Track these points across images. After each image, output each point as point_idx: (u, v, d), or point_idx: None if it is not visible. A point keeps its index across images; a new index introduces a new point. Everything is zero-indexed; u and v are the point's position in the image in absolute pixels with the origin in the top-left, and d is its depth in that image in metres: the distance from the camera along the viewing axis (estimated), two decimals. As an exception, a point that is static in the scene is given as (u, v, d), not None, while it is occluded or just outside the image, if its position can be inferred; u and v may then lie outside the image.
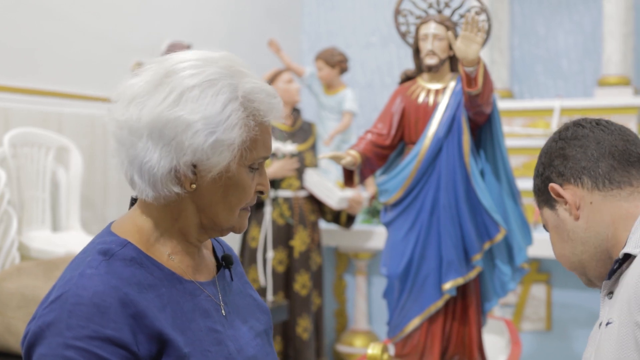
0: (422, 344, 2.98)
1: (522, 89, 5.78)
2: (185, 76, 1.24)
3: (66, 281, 1.22)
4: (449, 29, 2.97)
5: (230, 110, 1.24)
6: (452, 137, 2.93)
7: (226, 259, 1.44)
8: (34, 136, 3.74)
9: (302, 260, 4.31)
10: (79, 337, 1.14)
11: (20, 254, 3.45)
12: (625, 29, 4.96)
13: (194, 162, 1.24)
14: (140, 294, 1.21)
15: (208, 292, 1.34)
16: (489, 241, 2.94)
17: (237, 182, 1.28)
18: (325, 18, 6.41)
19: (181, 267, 1.32)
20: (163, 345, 1.20)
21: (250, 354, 1.35)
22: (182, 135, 1.22)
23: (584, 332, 4.40)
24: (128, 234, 1.30)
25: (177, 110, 1.22)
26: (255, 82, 1.28)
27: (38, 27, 3.94)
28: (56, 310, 1.17)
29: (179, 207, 1.29)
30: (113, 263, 1.23)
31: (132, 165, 1.26)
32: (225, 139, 1.23)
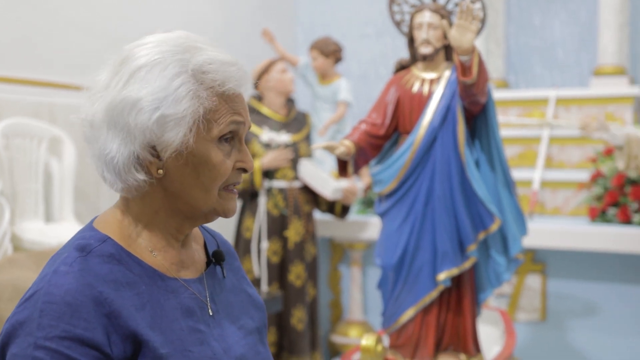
0: (416, 334, 2.98)
1: (517, 79, 5.77)
2: (136, 59, 1.23)
3: (41, 278, 1.19)
4: (444, 18, 2.96)
5: (178, 84, 1.20)
6: (447, 127, 2.92)
7: (216, 255, 1.40)
8: (26, 127, 3.73)
9: (296, 250, 4.30)
10: (49, 337, 1.10)
11: (13, 245, 3.44)
12: (620, 18, 4.95)
13: (149, 143, 1.21)
14: (116, 292, 1.17)
15: (193, 289, 1.30)
16: (483, 231, 2.94)
17: (204, 159, 1.23)
18: (320, 9, 6.39)
19: (164, 263, 1.28)
20: (138, 346, 1.16)
21: (238, 354, 1.31)
22: (128, 117, 1.19)
23: (579, 322, 4.41)
24: (109, 230, 1.27)
25: (125, 92, 1.20)
26: (209, 54, 1.24)
27: (30, 18, 3.92)
28: (29, 308, 1.15)
29: (155, 197, 1.26)
30: (90, 260, 1.19)
31: (100, 160, 1.24)
32: (171, 113, 1.19)
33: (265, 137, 4.25)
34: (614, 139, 3.85)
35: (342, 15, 6.30)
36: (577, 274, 4.42)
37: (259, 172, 4.17)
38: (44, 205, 3.83)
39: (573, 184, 4.70)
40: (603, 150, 4.50)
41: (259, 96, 4.44)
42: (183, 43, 1.25)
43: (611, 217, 4.30)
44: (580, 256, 4.39)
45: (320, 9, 6.39)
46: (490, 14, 5.32)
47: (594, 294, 4.39)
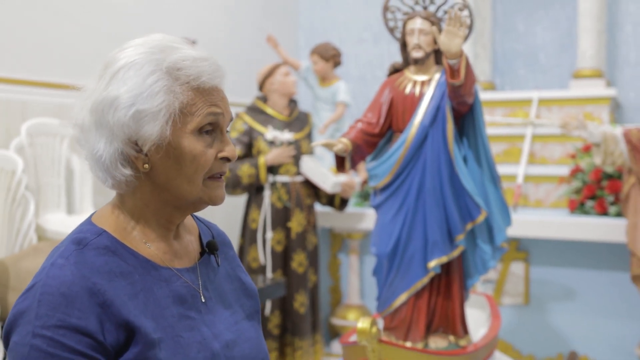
0: (409, 317, 2.98)
1: (503, 81, 5.76)
2: (117, 61, 1.23)
3: (40, 271, 1.19)
4: (434, 24, 2.95)
5: (152, 81, 1.20)
6: (437, 125, 2.91)
7: (210, 245, 1.38)
8: (49, 126, 3.72)
9: (298, 240, 4.30)
10: (46, 326, 1.10)
11: (37, 235, 3.44)
12: (598, 25, 4.94)
13: (130, 138, 1.20)
14: (110, 283, 1.17)
15: (186, 278, 1.29)
16: (471, 222, 2.93)
17: (185, 151, 1.22)
18: (321, 15, 6.38)
19: (158, 254, 1.27)
20: (131, 333, 1.15)
21: (229, 339, 1.30)
22: (108, 115, 1.19)
23: (560, 306, 4.41)
24: (105, 224, 1.26)
25: (105, 92, 1.20)
26: (183, 52, 1.23)
27: (52, 25, 3.91)
28: (29, 299, 1.14)
29: (144, 191, 1.25)
30: (85, 252, 1.19)
31: (92, 160, 1.24)
32: (146, 108, 1.18)
33: (269, 136, 4.25)
34: (591, 136, 3.84)
35: (341, 22, 6.29)
36: (558, 261, 4.42)
37: (263, 168, 4.16)
38: (66, 198, 3.82)
39: (554, 178, 4.69)
40: (582, 147, 4.50)
41: (264, 97, 4.44)
42: (159, 44, 1.24)
43: (589, 209, 4.29)
44: (560, 245, 4.39)
45: (320, 16, 6.38)
46: (477, 21, 5.31)
47: (573, 279, 4.39)
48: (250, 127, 4.27)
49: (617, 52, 5.40)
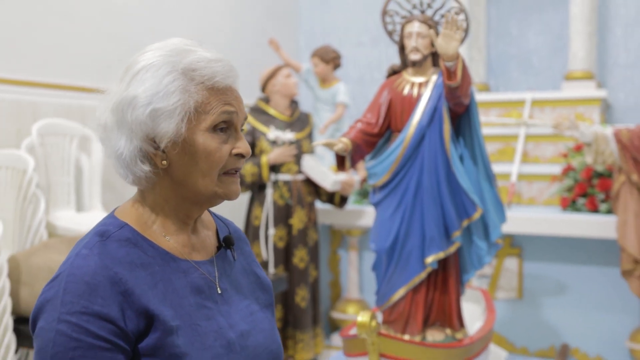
0: (406, 311, 2.97)
1: (497, 83, 5.76)
2: (136, 64, 1.25)
3: (65, 261, 1.20)
4: (431, 28, 2.95)
5: (168, 81, 1.22)
6: (434, 125, 2.91)
7: (227, 240, 1.40)
8: (59, 127, 3.72)
9: (300, 236, 4.30)
10: (71, 312, 1.12)
11: (48, 232, 3.44)
12: (589, 28, 4.94)
13: (147, 135, 1.22)
14: (131, 273, 1.19)
15: (203, 270, 1.30)
16: (467, 219, 2.93)
17: (200, 147, 1.23)
18: (321, 19, 6.37)
19: (177, 247, 1.28)
20: (150, 320, 1.17)
21: (243, 329, 1.31)
22: (127, 113, 1.22)
23: (552, 300, 4.40)
24: (127, 217, 1.28)
25: (125, 94, 1.23)
26: (198, 55, 1.25)
27: (62, 29, 3.91)
28: (54, 287, 1.16)
29: (163, 186, 1.27)
30: (108, 244, 1.21)
31: (114, 158, 1.26)
32: (162, 107, 1.20)
33: (271, 135, 4.24)
34: (583, 136, 3.83)
35: (341, 25, 6.28)
36: (550, 257, 4.42)
37: (266, 167, 4.16)
38: (75, 196, 3.82)
39: (547, 176, 4.69)
40: (573, 147, 4.49)
41: (266, 98, 4.43)
42: (175, 47, 1.26)
43: (580, 206, 4.29)
44: (553, 241, 4.39)
45: (320, 19, 6.38)
46: (472, 25, 5.30)
47: (565, 274, 4.38)
48: (253, 127, 4.27)
49: (607, 55, 5.39)
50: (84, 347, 1.11)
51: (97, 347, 1.12)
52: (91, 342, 1.11)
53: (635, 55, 5.34)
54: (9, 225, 3.24)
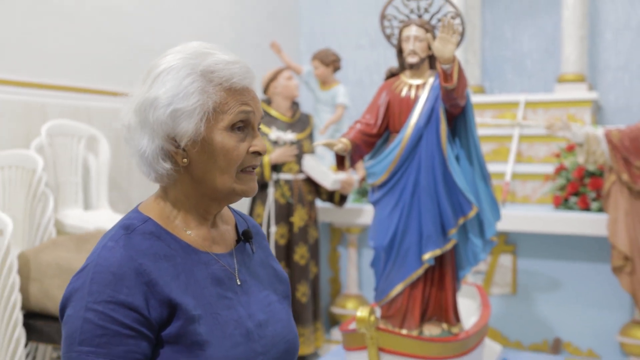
0: (404, 306, 2.98)
1: (492, 85, 5.76)
2: (158, 67, 1.27)
3: (92, 252, 1.23)
4: (428, 32, 2.95)
5: (188, 82, 1.23)
6: (431, 126, 2.91)
7: (245, 234, 1.42)
8: (68, 127, 3.72)
9: (301, 234, 4.30)
10: (97, 301, 1.14)
11: (56, 230, 3.44)
12: (581, 32, 4.94)
13: (168, 134, 1.24)
14: (155, 264, 1.21)
15: (223, 262, 1.32)
16: (463, 217, 2.93)
17: (218, 146, 1.25)
18: (321, 22, 6.38)
19: (197, 240, 1.31)
20: (173, 309, 1.19)
21: (261, 319, 1.32)
22: (149, 114, 1.24)
23: (545, 295, 4.41)
24: (151, 212, 1.30)
25: (147, 95, 1.25)
26: (216, 57, 1.27)
27: (69, 32, 3.91)
28: (82, 278, 1.19)
29: (184, 183, 1.29)
30: (133, 237, 1.23)
31: (137, 156, 1.28)
32: (182, 107, 1.22)
33: (273, 136, 4.24)
34: (575, 137, 3.84)
35: (340, 29, 6.28)
36: (543, 253, 4.42)
37: (268, 166, 4.16)
38: (83, 194, 3.82)
39: (540, 176, 4.69)
40: (566, 147, 4.50)
41: (268, 100, 4.43)
42: (195, 51, 1.27)
43: (572, 205, 4.29)
44: (546, 238, 4.39)
45: (321, 23, 6.38)
46: (468, 29, 5.31)
47: (557, 271, 4.39)
48: (255, 128, 4.27)
49: (598, 58, 5.40)
50: (109, 334, 1.13)
51: (122, 334, 1.14)
52: (116, 330, 1.14)
53: (625, 58, 5.34)
54: (19, 223, 3.24)
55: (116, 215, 3.81)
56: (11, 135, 3.51)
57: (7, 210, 3.26)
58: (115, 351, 1.13)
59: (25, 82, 3.63)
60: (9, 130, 3.50)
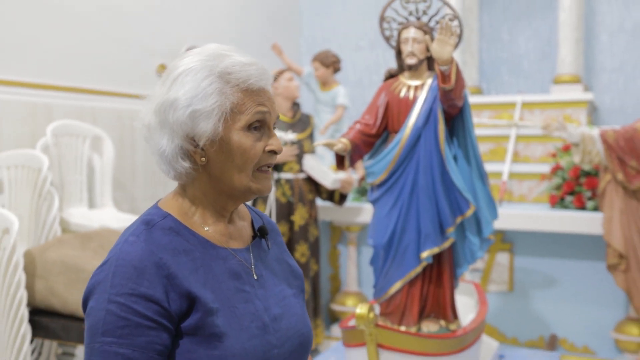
0: (403, 304, 2.97)
1: (489, 87, 5.75)
2: (177, 68, 1.27)
3: (114, 247, 1.24)
4: (427, 33, 2.94)
5: (206, 84, 1.24)
6: (429, 126, 2.90)
7: (261, 230, 1.43)
8: (72, 127, 3.72)
9: (301, 232, 4.29)
10: (119, 294, 1.16)
11: (62, 228, 3.44)
12: (576, 34, 4.93)
13: (187, 134, 1.25)
14: (174, 258, 1.22)
15: (240, 257, 1.33)
16: (460, 216, 2.92)
17: (235, 145, 1.26)
18: (321, 25, 6.37)
19: (215, 235, 1.32)
20: (192, 302, 1.21)
21: (277, 312, 1.34)
22: (169, 115, 1.25)
23: (541, 292, 4.40)
24: (170, 208, 1.32)
25: (166, 96, 1.26)
26: (234, 59, 1.27)
27: (75, 34, 3.91)
28: (104, 271, 1.20)
29: (202, 181, 1.31)
30: (153, 232, 1.25)
31: (157, 155, 1.30)
32: (200, 108, 1.23)
33: (274, 136, 4.24)
34: (571, 137, 3.83)
35: (340, 31, 6.28)
36: (540, 252, 4.41)
37: (269, 166, 4.16)
38: (87, 193, 3.82)
39: (536, 175, 4.69)
40: (562, 147, 4.49)
41: (270, 101, 4.42)
42: (212, 53, 1.28)
43: (568, 204, 4.28)
44: (542, 237, 4.39)
45: (321, 26, 6.37)
46: (465, 31, 5.30)
47: (553, 268, 4.38)
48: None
49: (593, 60, 5.39)
50: (131, 326, 1.15)
51: (143, 325, 1.16)
52: (138, 321, 1.15)
53: (620, 60, 5.34)
54: (25, 222, 3.24)
55: (120, 214, 3.80)
56: (17, 135, 3.51)
57: (13, 209, 3.26)
58: (137, 342, 1.15)
59: (31, 83, 3.63)
60: (15, 131, 3.50)
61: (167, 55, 4.60)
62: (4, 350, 2.64)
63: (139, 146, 4.34)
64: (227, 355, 1.20)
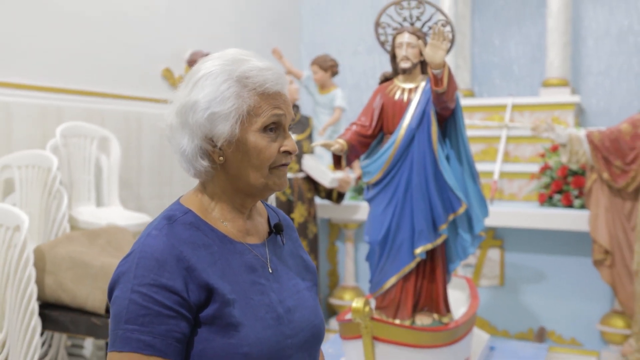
0: (397, 298, 2.96)
1: (481, 89, 5.74)
2: (198, 72, 1.29)
3: (138, 240, 1.26)
4: (420, 39, 2.93)
5: (224, 88, 1.26)
6: (423, 128, 2.89)
7: (277, 227, 1.44)
8: (81, 129, 3.71)
9: (301, 229, 4.28)
10: (142, 284, 1.18)
11: (70, 225, 3.43)
12: (564, 39, 4.93)
13: (206, 135, 1.27)
14: (194, 251, 1.24)
15: (256, 252, 1.34)
16: (452, 213, 2.92)
17: (251, 145, 1.27)
18: (320, 30, 6.36)
19: (233, 231, 1.33)
20: (210, 293, 1.22)
21: (290, 305, 1.34)
22: (189, 116, 1.27)
23: (531, 287, 4.40)
24: (191, 205, 1.33)
25: (187, 98, 1.27)
26: (251, 64, 1.29)
27: (85, 39, 3.90)
28: (128, 262, 1.22)
29: (220, 179, 1.32)
30: (175, 227, 1.26)
31: (178, 154, 1.31)
32: (218, 111, 1.25)
33: (275, 137, 4.23)
34: (559, 138, 3.82)
35: (338, 36, 6.27)
36: (529, 248, 4.41)
37: (270, 165, 4.15)
38: (95, 192, 3.81)
39: (526, 174, 4.68)
40: (550, 147, 4.48)
41: (270, 103, 4.41)
42: (232, 57, 1.29)
43: (556, 202, 4.28)
44: (531, 233, 4.38)
45: (320, 31, 6.36)
46: (458, 36, 5.29)
47: (542, 264, 4.38)
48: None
49: (580, 63, 5.38)
50: (152, 314, 1.17)
51: (164, 314, 1.17)
52: (158, 310, 1.17)
53: (605, 64, 5.33)
54: (35, 219, 3.23)
55: (126, 212, 3.79)
56: (28, 136, 3.50)
57: (24, 207, 3.25)
58: (157, 330, 1.17)
59: (41, 87, 3.62)
60: (26, 132, 3.49)
61: (171, 60, 4.59)
62: (15, 342, 2.64)
63: (144, 147, 4.34)
64: (242, 344, 1.22)
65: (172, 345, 1.18)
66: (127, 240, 3.15)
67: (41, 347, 3.02)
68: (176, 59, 4.62)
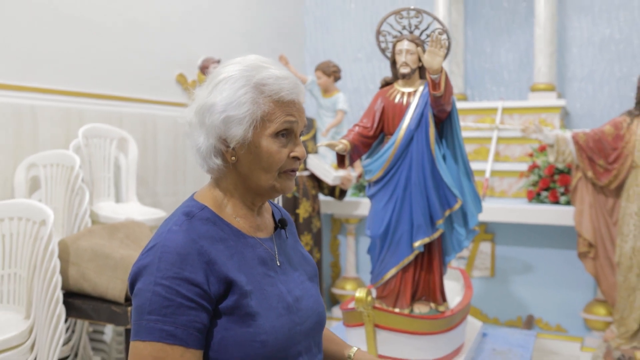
0: (397, 288, 2.95)
1: (473, 93, 5.73)
2: (218, 75, 1.28)
3: (159, 235, 1.24)
4: (419, 46, 2.92)
5: (241, 93, 1.24)
6: (421, 129, 2.88)
7: (281, 222, 1.44)
8: (101, 130, 3.70)
9: (305, 224, 4.28)
10: (165, 277, 1.16)
11: (92, 220, 3.42)
12: (551, 47, 4.91)
13: (220, 136, 1.25)
14: (212, 246, 1.23)
15: (266, 246, 1.34)
16: (449, 209, 2.90)
17: (263, 149, 1.26)
18: (323, 39, 6.34)
19: (244, 226, 1.32)
20: (229, 285, 1.21)
21: (297, 294, 1.34)
22: (206, 117, 1.26)
23: (520, 277, 4.39)
24: (205, 201, 1.32)
25: (206, 100, 1.26)
26: (270, 71, 1.27)
27: (104, 47, 3.89)
28: (150, 256, 1.20)
29: (232, 177, 1.31)
30: (193, 222, 1.25)
31: (194, 150, 1.30)
32: (233, 115, 1.24)
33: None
34: (546, 139, 3.81)
35: (340, 44, 6.25)
36: (518, 241, 4.40)
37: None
38: (114, 189, 3.81)
39: (515, 173, 4.67)
40: (538, 148, 4.47)
41: (277, 106, 4.40)
42: (252, 64, 1.28)
43: (544, 199, 4.27)
44: (520, 228, 4.37)
45: (323, 39, 6.35)
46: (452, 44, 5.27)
47: (531, 256, 4.37)
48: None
49: (566, 70, 5.37)
50: (174, 306, 1.15)
51: (186, 306, 1.16)
52: (181, 302, 1.16)
53: (589, 70, 5.32)
54: (59, 214, 3.23)
55: (143, 207, 3.79)
56: (53, 137, 3.50)
57: (49, 203, 3.25)
58: (179, 320, 1.15)
59: (65, 91, 3.61)
60: (50, 133, 3.49)
61: (185, 66, 4.58)
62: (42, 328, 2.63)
63: (160, 147, 4.32)
64: (259, 332, 1.21)
65: (193, 335, 1.16)
66: (145, 234, 3.15)
67: (65, 332, 3.01)
68: (189, 65, 4.61)
